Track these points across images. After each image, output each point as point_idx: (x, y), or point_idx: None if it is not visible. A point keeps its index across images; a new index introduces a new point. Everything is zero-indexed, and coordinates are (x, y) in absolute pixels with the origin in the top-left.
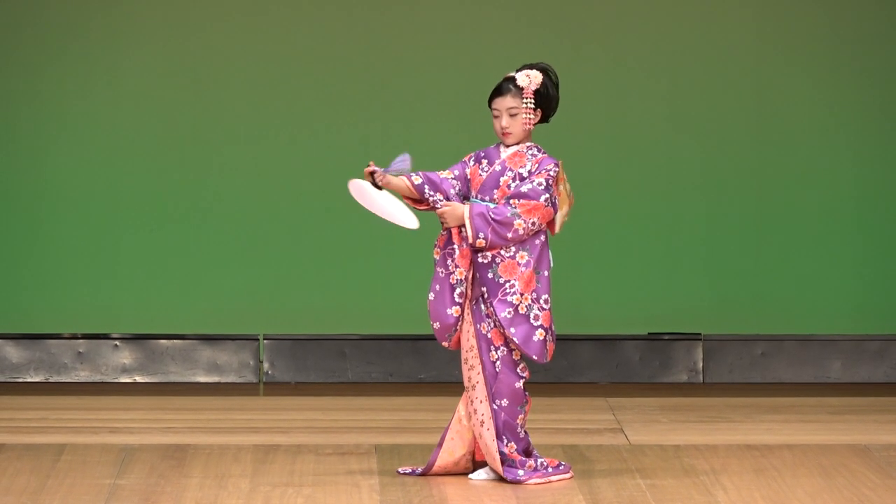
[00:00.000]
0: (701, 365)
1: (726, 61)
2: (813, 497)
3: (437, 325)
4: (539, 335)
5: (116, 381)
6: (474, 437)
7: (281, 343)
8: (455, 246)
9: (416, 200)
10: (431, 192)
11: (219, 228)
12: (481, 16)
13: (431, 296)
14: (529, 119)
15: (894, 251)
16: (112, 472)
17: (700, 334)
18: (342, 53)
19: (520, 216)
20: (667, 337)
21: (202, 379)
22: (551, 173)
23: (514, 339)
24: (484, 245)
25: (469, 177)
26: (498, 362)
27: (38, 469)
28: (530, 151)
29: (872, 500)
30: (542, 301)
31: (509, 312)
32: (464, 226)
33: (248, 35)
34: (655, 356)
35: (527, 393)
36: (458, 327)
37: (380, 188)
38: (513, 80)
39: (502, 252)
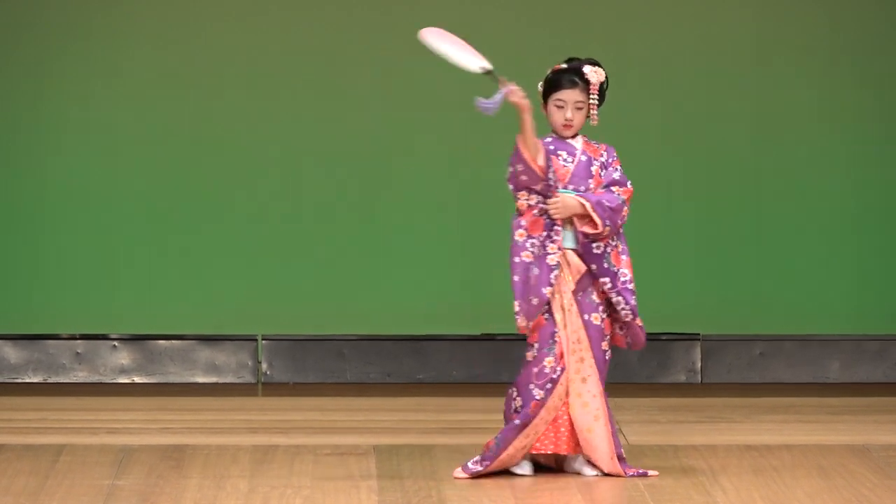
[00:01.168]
0: (699, 365)
1: (726, 61)
2: (812, 497)
3: (534, 300)
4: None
5: (115, 381)
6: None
7: (279, 343)
8: (559, 228)
9: (534, 160)
10: (552, 174)
11: (217, 229)
12: (480, 15)
13: (517, 278)
14: (595, 115)
15: (893, 252)
16: (111, 472)
17: (698, 334)
18: (341, 54)
19: (626, 203)
20: (665, 337)
21: (201, 379)
22: (618, 159)
23: (641, 326)
24: (608, 233)
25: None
26: (608, 352)
27: (37, 470)
28: (593, 141)
29: (871, 501)
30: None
31: (635, 300)
32: (580, 217)
33: (248, 36)
34: (654, 356)
35: None
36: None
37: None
38: (580, 73)
39: (610, 241)
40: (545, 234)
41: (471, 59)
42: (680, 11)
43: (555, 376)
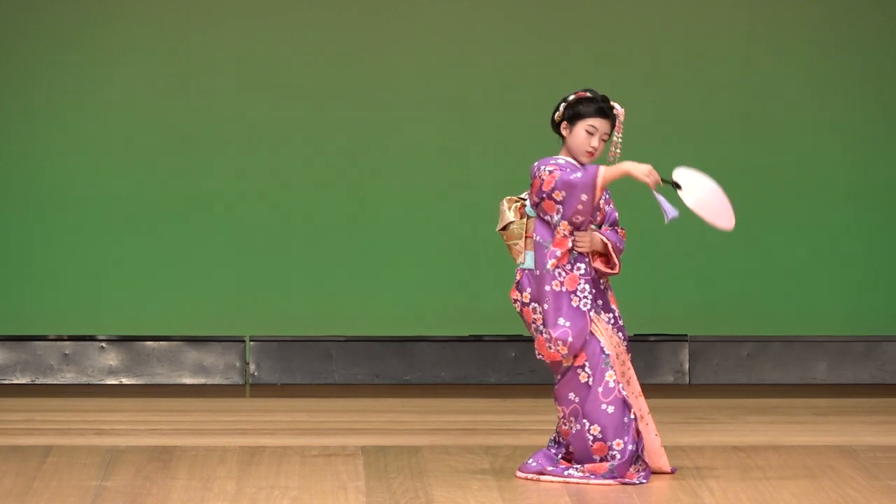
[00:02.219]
0: (687, 366)
1: (714, 62)
2: (798, 498)
3: (584, 325)
4: None
5: (102, 382)
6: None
7: (267, 345)
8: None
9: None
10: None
11: (205, 231)
12: (470, 19)
13: (548, 306)
14: (618, 152)
15: (880, 253)
16: (98, 473)
17: (686, 335)
18: (331, 59)
19: (623, 242)
20: (653, 338)
21: (188, 380)
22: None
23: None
24: (615, 273)
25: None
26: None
27: (24, 471)
28: None
29: (858, 502)
30: None
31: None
32: (596, 253)
33: (238, 41)
34: (641, 357)
35: None
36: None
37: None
38: (611, 108)
39: (608, 281)
40: (569, 265)
41: (696, 194)
42: (668, 13)
43: (619, 393)
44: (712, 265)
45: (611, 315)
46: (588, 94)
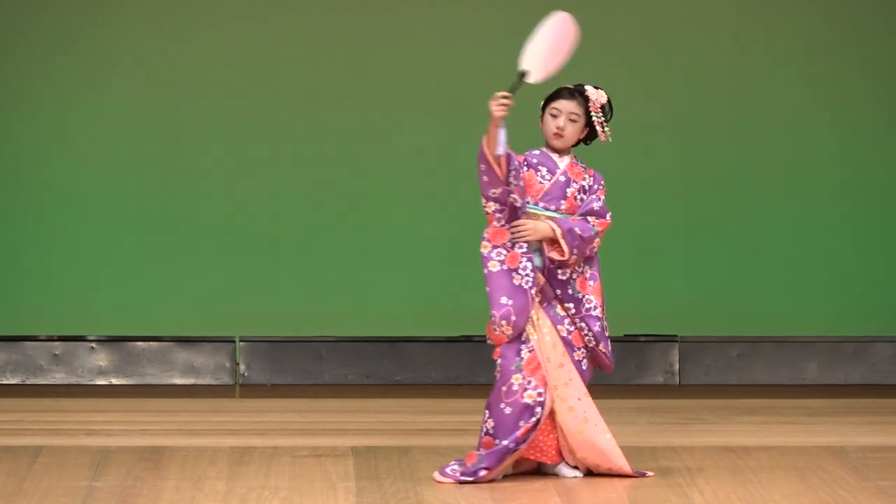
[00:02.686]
0: (677, 366)
1: (704, 61)
2: (789, 499)
3: (531, 313)
4: (610, 346)
5: (93, 383)
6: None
7: (257, 345)
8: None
9: (498, 163)
10: (514, 167)
11: (195, 231)
12: (464, 20)
13: (490, 288)
14: (585, 130)
15: (871, 254)
16: (88, 474)
17: (676, 336)
18: (321, 60)
19: (599, 235)
20: (643, 338)
21: (178, 381)
22: (604, 189)
23: (607, 353)
24: (574, 262)
25: (523, 181)
26: (584, 361)
27: (15, 471)
28: (580, 164)
29: (848, 502)
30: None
31: (600, 326)
32: (549, 241)
33: (227, 43)
34: (632, 358)
35: None
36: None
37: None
38: (581, 90)
39: (576, 268)
40: (509, 243)
41: (539, 61)
42: (658, 10)
43: (540, 400)
44: (703, 265)
45: (571, 305)
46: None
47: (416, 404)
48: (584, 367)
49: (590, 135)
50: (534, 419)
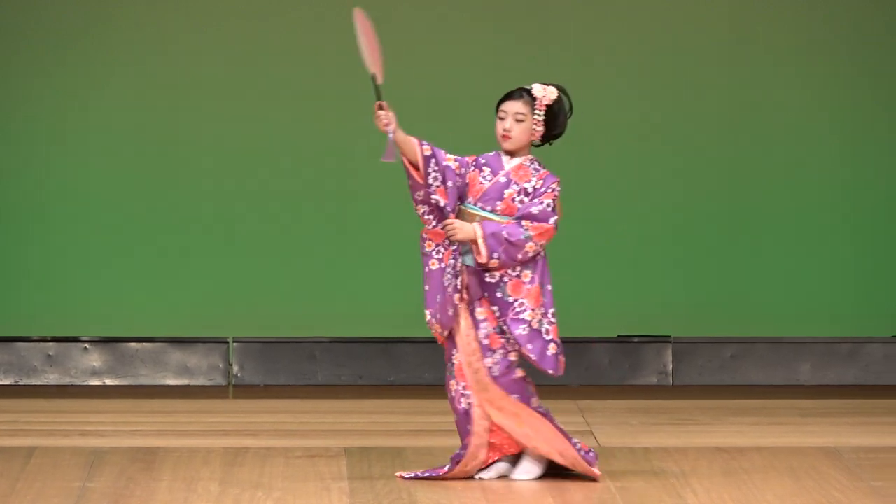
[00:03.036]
0: (671, 367)
1: (697, 61)
2: (782, 499)
3: (450, 310)
4: (552, 349)
5: (86, 383)
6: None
7: (251, 346)
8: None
9: (415, 167)
10: (434, 169)
11: (188, 232)
12: (451, 20)
13: (427, 287)
14: (535, 131)
15: (865, 254)
16: (82, 474)
17: (670, 337)
18: (317, 63)
19: (532, 239)
20: (636, 339)
21: (172, 382)
22: (556, 193)
23: (532, 356)
24: (496, 265)
25: (468, 181)
26: (497, 366)
27: (8, 472)
28: (532, 165)
29: (841, 503)
30: (549, 315)
31: (524, 329)
32: (475, 243)
33: (226, 43)
34: (625, 359)
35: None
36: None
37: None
38: (528, 89)
39: (509, 272)
40: (446, 242)
41: (370, 60)
42: (652, 8)
43: (468, 402)
44: (696, 266)
45: (497, 309)
46: None
47: (409, 405)
48: (496, 374)
49: (550, 134)
50: (469, 426)
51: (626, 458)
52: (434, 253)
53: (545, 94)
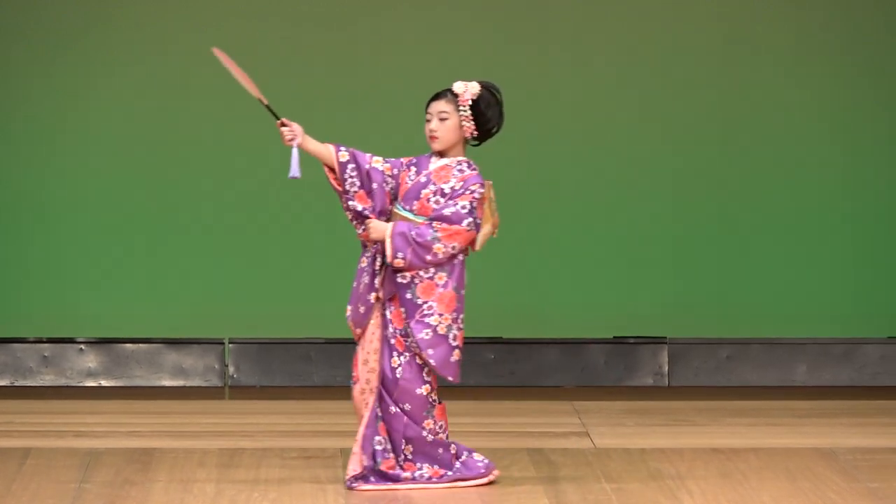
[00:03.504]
0: (666, 368)
1: (695, 61)
2: (778, 500)
3: (361, 308)
4: (456, 356)
5: (82, 384)
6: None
7: (246, 347)
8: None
9: (334, 172)
10: (352, 174)
11: (184, 232)
12: (447, 21)
13: (355, 283)
14: (464, 127)
15: (860, 255)
16: (77, 475)
17: (665, 338)
18: (314, 62)
19: (440, 240)
20: (632, 340)
21: (167, 383)
22: (475, 195)
23: (431, 361)
24: (402, 265)
25: (399, 180)
26: (399, 368)
27: (3, 473)
28: (458, 167)
29: None
30: (459, 321)
31: (427, 334)
32: (383, 241)
33: (225, 44)
34: (621, 360)
35: (436, 399)
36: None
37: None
38: (450, 88)
39: (421, 273)
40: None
41: (251, 87)
42: (646, 9)
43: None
44: (692, 267)
45: (404, 310)
46: None
47: None
48: (398, 375)
49: (480, 131)
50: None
51: (621, 459)
52: (365, 252)
53: (466, 89)
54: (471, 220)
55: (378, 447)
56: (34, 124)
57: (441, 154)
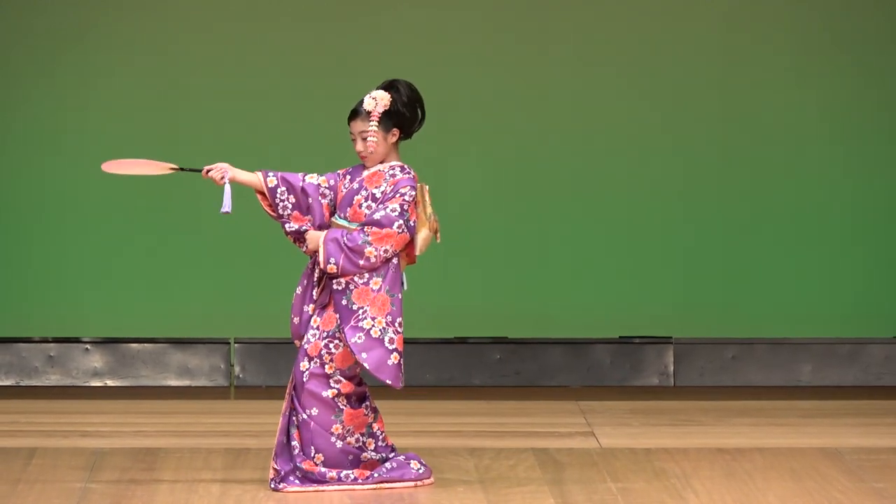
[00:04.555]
0: (672, 368)
1: (701, 61)
2: (783, 500)
3: (295, 319)
4: (394, 359)
5: (87, 384)
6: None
7: (252, 347)
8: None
9: (266, 199)
10: (283, 198)
11: (190, 232)
12: (449, 21)
13: (299, 290)
14: (375, 142)
15: (865, 255)
16: (83, 475)
17: (671, 338)
18: (314, 61)
19: (371, 244)
20: (638, 340)
21: (173, 382)
22: (406, 198)
23: (366, 365)
24: (336, 271)
25: (336, 191)
26: (307, 373)
27: (9, 473)
28: (390, 171)
29: None
30: (396, 324)
31: (360, 338)
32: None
33: (226, 45)
34: (626, 359)
35: (344, 404)
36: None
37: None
38: (357, 107)
39: (356, 279)
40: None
41: (156, 167)
42: (649, 9)
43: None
44: (697, 267)
45: (338, 316)
46: None
47: (410, 406)
48: (305, 379)
49: (403, 129)
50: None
51: (627, 458)
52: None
53: (376, 103)
54: (401, 222)
55: (295, 451)
56: (39, 124)
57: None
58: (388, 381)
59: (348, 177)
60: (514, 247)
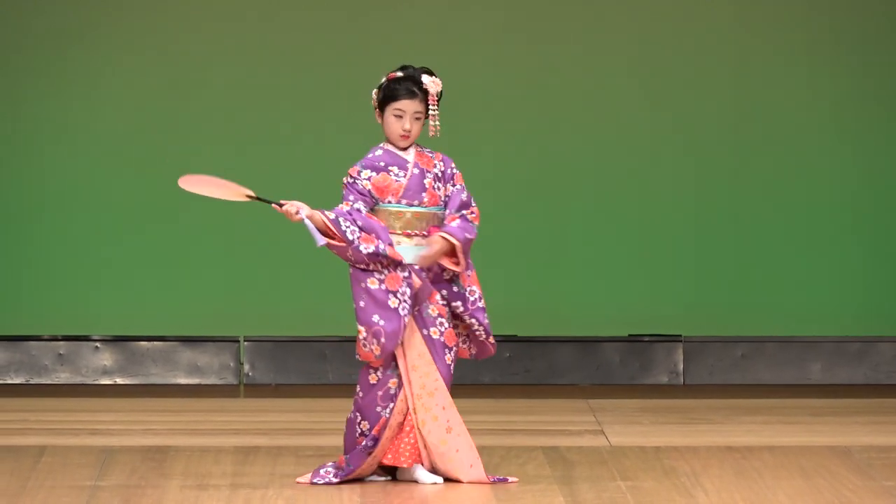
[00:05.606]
0: (681, 366)
1: (711, 62)
2: (793, 499)
3: (401, 338)
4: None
5: (97, 382)
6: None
7: (261, 345)
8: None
9: (330, 234)
10: (347, 224)
11: (199, 230)
12: (456, 19)
13: (363, 303)
14: (437, 126)
15: (875, 254)
16: (92, 473)
17: (680, 336)
18: (321, 62)
19: (477, 226)
20: (647, 339)
21: (183, 381)
22: (458, 171)
23: (494, 343)
24: (465, 267)
25: (374, 189)
26: (452, 365)
27: (18, 471)
28: (425, 150)
29: (852, 502)
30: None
31: (487, 317)
32: (449, 255)
33: (227, 43)
34: (636, 358)
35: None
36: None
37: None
38: (419, 83)
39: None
40: (392, 267)
41: (233, 192)
42: (658, 8)
43: (392, 393)
44: (707, 266)
45: (459, 303)
46: (398, 74)
47: None
48: (452, 371)
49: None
50: (385, 416)
51: (636, 456)
52: (375, 273)
53: (435, 87)
54: (472, 196)
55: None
56: (42, 122)
57: (403, 148)
58: (491, 354)
59: (393, 167)
60: (523, 246)
